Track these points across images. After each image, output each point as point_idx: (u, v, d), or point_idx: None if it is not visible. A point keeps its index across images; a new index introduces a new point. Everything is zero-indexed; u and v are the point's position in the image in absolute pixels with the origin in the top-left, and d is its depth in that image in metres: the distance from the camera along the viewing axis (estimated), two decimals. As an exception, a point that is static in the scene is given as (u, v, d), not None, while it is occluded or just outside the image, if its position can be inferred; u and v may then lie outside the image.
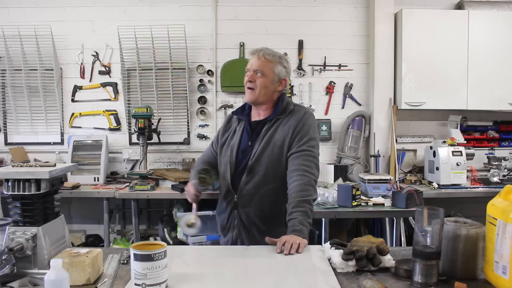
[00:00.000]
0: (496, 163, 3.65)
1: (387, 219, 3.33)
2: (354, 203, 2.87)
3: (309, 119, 1.94)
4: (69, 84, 3.96)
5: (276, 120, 1.95)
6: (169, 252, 1.24)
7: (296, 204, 1.77)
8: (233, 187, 1.95)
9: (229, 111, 3.91)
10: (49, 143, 3.97)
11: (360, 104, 4.02)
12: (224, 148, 2.04)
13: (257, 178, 1.90)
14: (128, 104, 3.91)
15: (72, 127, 3.98)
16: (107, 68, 3.95)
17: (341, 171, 3.63)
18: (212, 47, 3.96)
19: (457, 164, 3.42)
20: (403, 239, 3.23)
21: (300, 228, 1.70)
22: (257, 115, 2.03)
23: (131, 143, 3.99)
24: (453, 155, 3.44)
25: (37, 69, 3.81)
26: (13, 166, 1.50)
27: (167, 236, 3.45)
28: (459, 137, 3.70)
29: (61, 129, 3.96)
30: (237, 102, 3.97)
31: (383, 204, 2.96)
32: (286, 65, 1.99)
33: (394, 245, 3.19)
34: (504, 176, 3.58)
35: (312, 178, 1.84)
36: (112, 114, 3.98)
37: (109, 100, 3.98)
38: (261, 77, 1.92)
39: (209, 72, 3.97)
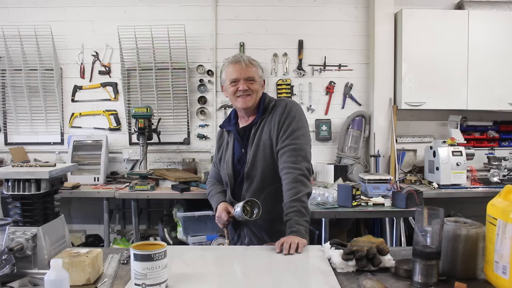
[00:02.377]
0: (496, 163, 3.65)
1: (387, 219, 3.33)
2: (354, 203, 2.87)
3: (291, 110, 1.91)
4: (69, 84, 3.96)
5: (262, 120, 1.94)
6: (169, 252, 1.24)
7: (288, 205, 1.77)
8: (236, 197, 1.96)
9: (229, 111, 3.90)
10: (49, 143, 3.97)
11: (360, 104, 4.02)
12: (221, 162, 2.06)
13: (256, 183, 1.90)
14: (128, 104, 3.92)
15: (72, 127, 3.98)
16: (107, 68, 3.95)
17: (341, 171, 3.64)
18: (212, 47, 3.96)
19: (457, 164, 3.42)
20: (403, 239, 3.23)
21: (297, 229, 1.70)
22: (245, 121, 2.02)
23: (131, 143, 4.00)
24: (453, 155, 3.44)
25: (37, 69, 3.81)
26: (13, 166, 1.50)
27: (167, 236, 3.45)
28: (459, 137, 3.70)
29: (61, 129, 3.96)
30: (237, 102, 3.97)
31: (383, 204, 2.96)
32: (262, 67, 2.03)
33: (394, 245, 3.19)
34: (504, 176, 3.58)
35: (299, 172, 1.81)
36: (112, 114, 3.98)
37: (109, 100, 3.98)
38: (253, 83, 1.93)
39: (209, 72, 3.97)
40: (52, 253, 1.44)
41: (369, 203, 2.98)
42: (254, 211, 1.80)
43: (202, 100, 3.97)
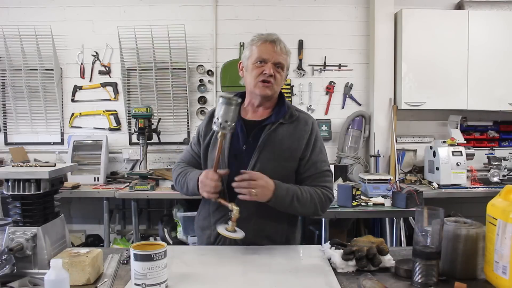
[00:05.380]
0: (496, 163, 3.65)
1: (387, 219, 3.34)
2: (354, 203, 2.87)
3: (318, 129, 1.77)
4: (69, 84, 3.96)
5: (279, 124, 1.67)
6: (169, 252, 1.24)
7: (308, 187, 1.64)
8: (232, 199, 1.58)
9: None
10: (49, 143, 3.97)
11: (360, 104, 4.02)
12: (209, 152, 1.72)
13: None
14: (128, 104, 3.91)
15: (72, 127, 3.98)
16: (107, 68, 3.95)
17: (341, 171, 3.63)
18: (212, 47, 3.96)
19: (457, 164, 3.42)
20: (403, 239, 3.23)
21: (278, 184, 1.55)
22: (252, 112, 1.74)
23: (131, 143, 3.99)
24: (453, 155, 3.45)
25: (37, 69, 3.81)
26: (13, 166, 1.50)
27: (167, 236, 3.45)
28: (459, 137, 3.71)
29: (61, 129, 3.96)
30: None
31: (383, 204, 2.96)
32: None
33: (394, 245, 3.19)
34: (504, 176, 3.58)
35: (330, 195, 1.70)
36: (112, 114, 3.98)
37: (109, 100, 3.98)
38: (280, 72, 1.67)
39: (209, 72, 3.97)
40: (52, 253, 1.43)
41: (369, 203, 2.98)
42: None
43: (202, 100, 3.97)
